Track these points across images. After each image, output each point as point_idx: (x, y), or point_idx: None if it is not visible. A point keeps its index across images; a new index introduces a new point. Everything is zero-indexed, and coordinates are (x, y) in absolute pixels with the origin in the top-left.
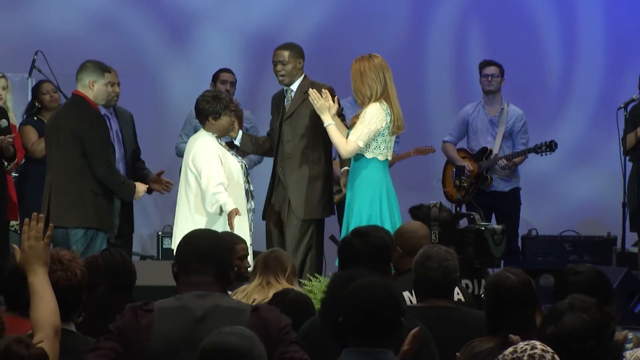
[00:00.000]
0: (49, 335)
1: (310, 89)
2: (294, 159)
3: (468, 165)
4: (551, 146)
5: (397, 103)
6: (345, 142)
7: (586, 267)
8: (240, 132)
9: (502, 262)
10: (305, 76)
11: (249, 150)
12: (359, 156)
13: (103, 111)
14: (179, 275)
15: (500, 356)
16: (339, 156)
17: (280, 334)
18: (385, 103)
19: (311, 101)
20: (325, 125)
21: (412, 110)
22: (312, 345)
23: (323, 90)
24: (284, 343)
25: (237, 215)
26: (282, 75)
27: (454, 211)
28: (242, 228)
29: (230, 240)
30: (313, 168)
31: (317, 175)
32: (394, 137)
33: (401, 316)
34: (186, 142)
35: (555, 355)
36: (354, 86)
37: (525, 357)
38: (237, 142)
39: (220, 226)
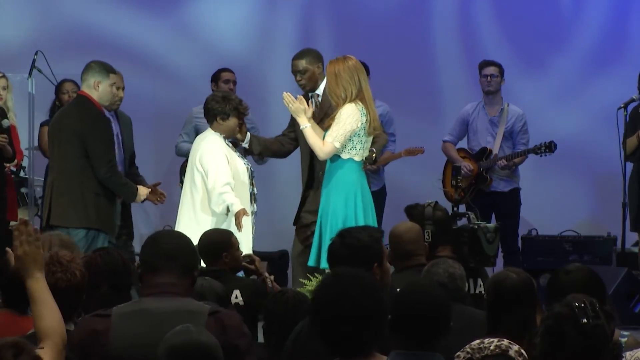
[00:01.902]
0: (57, 346)
1: (284, 93)
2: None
3: (468, 165)
4: (551, 147)
5: (372, 104)
6: (322, 144)
7: (578, 267)
8: (248, 134)
9: (500, 261)
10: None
11: (257, 152)
12: (335, 157)
13: (105, 113)
14: (143, 276)
15: (467, 346)
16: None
17: (241, 340)
18: (360, 104)
19: (285, 105)
20: (301, 127)
21: (425, 108)
22: (303, 346)
23: (298, 97)
24: (245, 354)
25: (244, 216)
26: (303, 84)
27: (452, 211)
28: (246, 230)
29: (214, 239)
30: None
31: None
32: (370, 138)
33: (451, 319)
34: (186, 142)
35: (522, 350)
36: (329, 88)
37: (492, 347)
38: (245, 144)
39: (225, 226)
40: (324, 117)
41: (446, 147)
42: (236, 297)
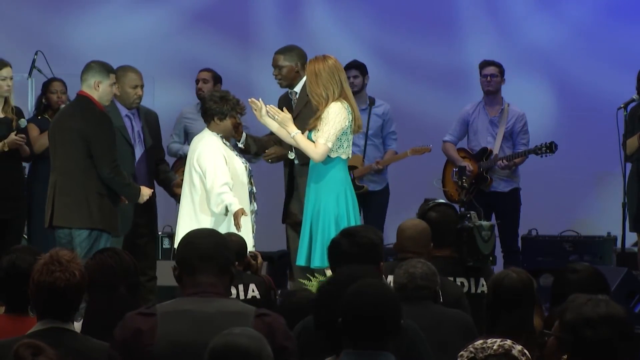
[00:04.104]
0: None
1: (268, 106)
2: (301, 161)
3: (468, 165)
4: (551, 147)
5: (354, 103)
6: (314, 147)
7: (584, 266)
8: (244, 134)
9: (501, 261)
10: None
11: (254, 151)
12: None
13: (125, 112)
14: (182, 277)
15: (470, 346)
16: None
17: (288, 342)
18: (345, 102)
19: (271, 117)
20: (292, 135)
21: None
22: (304, 346)
23: (284, 109)
24: (292, 357)
25: (243, 215)
26: (279, 79)
27: (460, 212)
28: (245, 229)
29: (230, 238)
30: None
31: None
32: (351, 136)
33: (400, 318)
34: (177, 142)
35: (525, 350)
36: (309, 88)
37: (495, 347)
38: (240, 144)
39: (225, 226)
40: (297, 115)
41: (446, 147)
42: (253, 291)
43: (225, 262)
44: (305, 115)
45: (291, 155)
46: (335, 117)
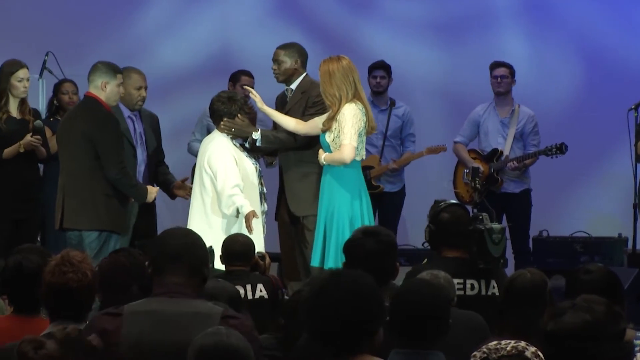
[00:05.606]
0: None
1: (321, 157)
2: (288, 156)
3: (479, 166)
4: (561, 148)
5: (368, 104)
6: (340, 152)
7: (597, 267)
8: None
9: (512, 262)
10: (306, 75)
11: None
12: None
13: (127, 113)
14: (153, 277)
15: (483, 346)
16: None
17: (252, 344)
18: (359, 103)
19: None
20: (323, 160)
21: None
22: (308, 345)
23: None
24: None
25: (254, 217)
26: (277, 74)
27: (472, 213)
28: (257, 231)
29: (237, 239)
30: (307, 165)
31: (311, 172)
32: (365, 137)
33: (449, 317)
34: (199, 141)
35: (539, 352)
36: (323, 88)
37: (508, 348)
38: (247, 144)
39: (236, 228)
40: (288, 111)
41: (457, 148)
42: (260, 291)
43: (196, 263)
44: (295, 112)
45: (255, 135)
46: (352, 117)
